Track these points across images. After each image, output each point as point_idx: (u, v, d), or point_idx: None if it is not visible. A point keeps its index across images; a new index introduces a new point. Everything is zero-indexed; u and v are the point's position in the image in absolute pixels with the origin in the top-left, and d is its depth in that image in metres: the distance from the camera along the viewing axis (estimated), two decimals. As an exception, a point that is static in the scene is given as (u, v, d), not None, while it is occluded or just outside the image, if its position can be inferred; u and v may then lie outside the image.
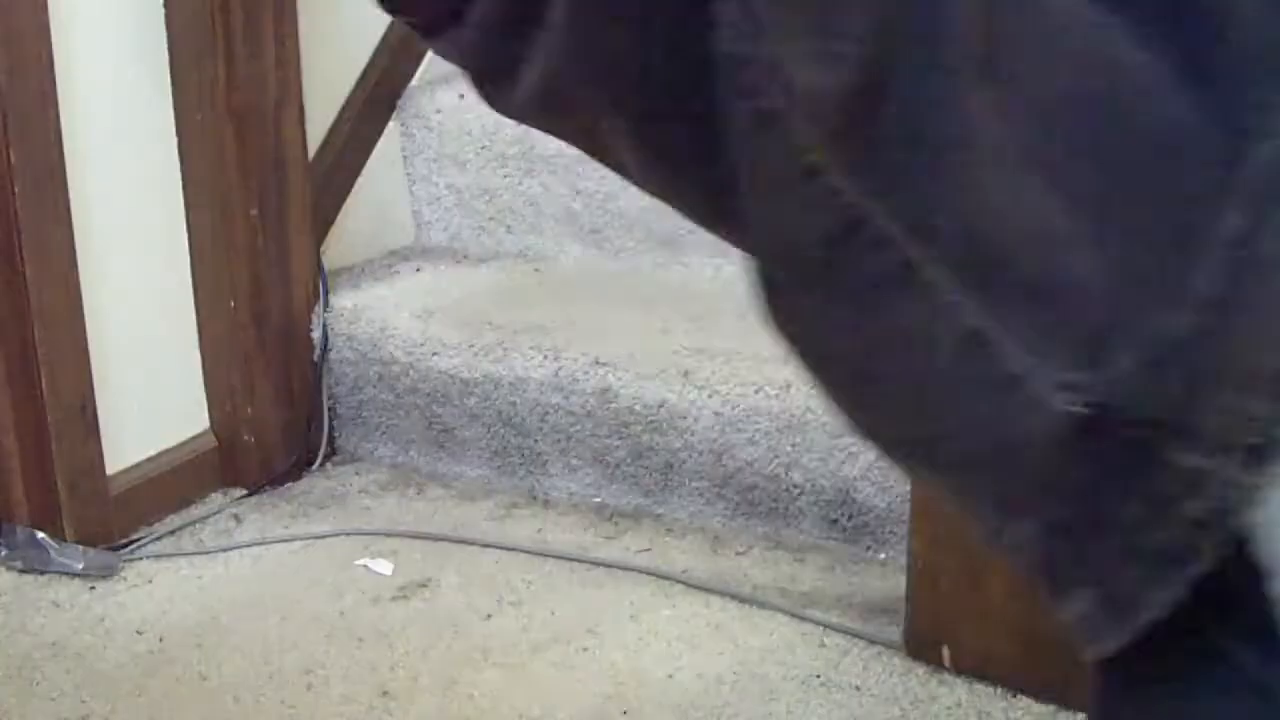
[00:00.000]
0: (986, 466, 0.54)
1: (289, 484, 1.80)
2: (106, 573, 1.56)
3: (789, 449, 1.59)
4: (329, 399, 1.87)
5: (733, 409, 1.61)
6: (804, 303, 0.54)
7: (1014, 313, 0.49)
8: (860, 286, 0.52)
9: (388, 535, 1.67)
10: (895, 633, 1.40)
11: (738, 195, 0.55)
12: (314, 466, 1.85)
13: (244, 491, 1.77)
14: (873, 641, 1.41)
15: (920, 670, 1.36)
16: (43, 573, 1.54)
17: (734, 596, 1.51)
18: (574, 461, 1.73)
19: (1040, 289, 0.49)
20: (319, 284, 1.84)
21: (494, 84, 0.59)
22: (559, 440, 1.73)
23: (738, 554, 1.60)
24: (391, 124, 2.07)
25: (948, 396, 0.52)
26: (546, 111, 0.59)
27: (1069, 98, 0.47)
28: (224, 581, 1.57)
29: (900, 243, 0.50)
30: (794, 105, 0.50)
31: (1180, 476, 0.49)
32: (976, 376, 0.51)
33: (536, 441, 1.75)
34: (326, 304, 1.84)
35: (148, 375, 1.69)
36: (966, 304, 0.50)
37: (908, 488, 1.47)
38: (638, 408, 1.66)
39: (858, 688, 1.34)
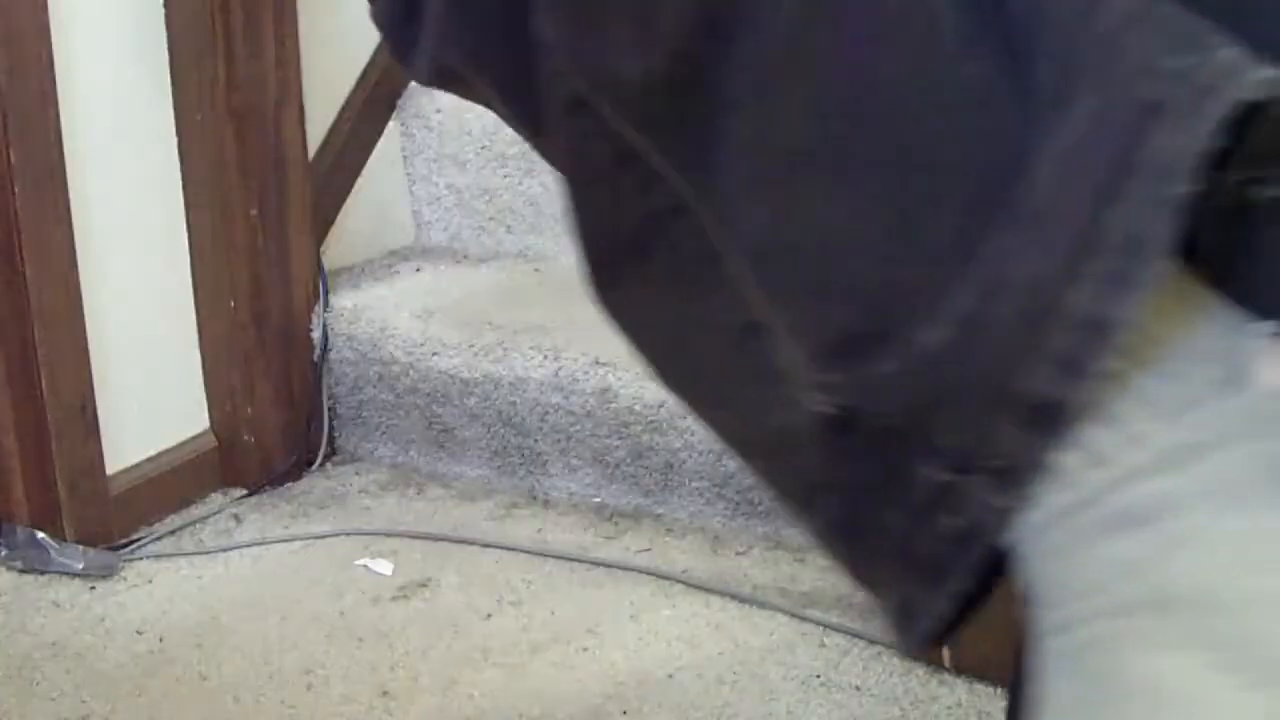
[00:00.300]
0: (774, 456, 0.55)
1: (289, 484, 1.81)
2: (106, 573, 1.56)
3: (789, 449, 1.59)
4: (329, 399, 1.87)
5: (733, 409, 1.61)
6: (622, 281, 0.55)
7: (788, 309, 0.50)
8: (671, 271, 0.53)
9: (388, 535, 1.67)
10: (895, 633, 1.40)
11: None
12: (314, 466, 1.85)
13: (244, 491, 1.77)
14: (873, 641, 1.41)
15: (920, 670, 1.36)
16: (43, 573, 1.54)
17: (734, 596, 1.51)
18: (574, 461, 1.73)
19: (814, 290, 0.49)
20: (319, 284, 1.84)
21: (404, 61, 0.60)
22: (559, 440, 1.73)
23: (738, 554, 1.60)
24: (391, 124, 2.07)
25: (735, 384, 0.53)
26: (444, 85, 0.60)
27: (871, 111, 0.47)
28: (224, 581, 1.57)
29: (710, 231, 0.50)
30: (602, 91, 0.50)
31: (931, 489, 0.49)
32: (754, 368, 0.52)
33: (536, 441, 1.75)
34: (326, 304, 1.84)
35: (148, 375, 1.69)
36: (756, 296, 0.50)
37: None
38: (638, 408, 1.66)
39: (858, 688, 1.35)
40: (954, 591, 0.50)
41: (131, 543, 1.63)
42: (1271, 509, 0.43)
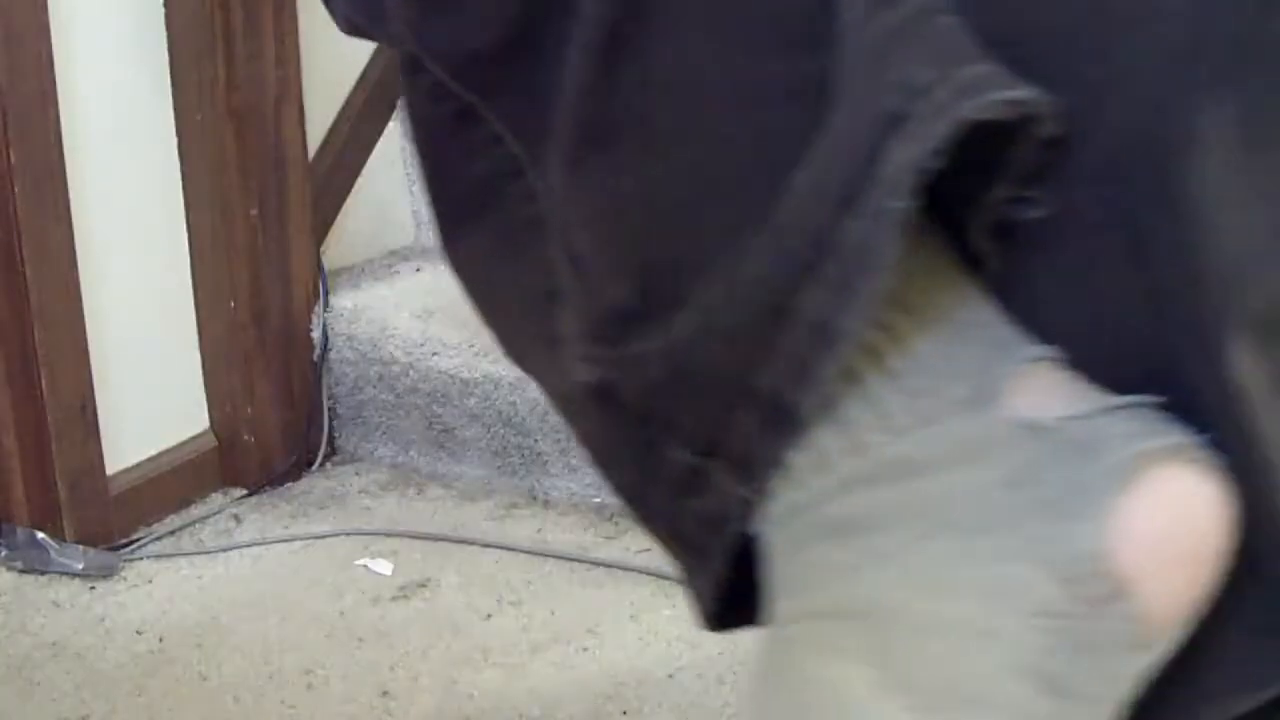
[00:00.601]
0: (572, 421, 0.57)
1: (289, 484, 1.80)
2: (106, 573, 1.56)
3: (789, 449, 1.59)
4: (329, 399, 1.87)
5: (733, 409, 1.61)
6: (462, 236, 0.56)
7: (581, 279, 0.51)
8: (501, 231, 0.54)
9: (388, 535, 1.67)
10: (895, 633, 1.40)
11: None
12: (314, 466, 1.85)
13: (244, 491, 1.77)
14: (873, 641, 1.41)
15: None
16: (43, 573, 1.54)
17: (734, 596, 1.50)
18: (574, 461, 1.73)
19: (604, 260, 0.50)
20: (319, 284, 1.84)
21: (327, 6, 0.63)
22: (559, 440, 1.73)
23: (738, 554, 1.60)
24: (391, 124, 2.07)
25: (538, 346, 0.54)
26: (355, 34, 0.62)
27: (681, 92, 0.47)
28: (224, 581, 1.57)
29: (538, 195, 0.51)
30: (439, 60, 0.52)
31: (682, 471, 0.50)
32: (550, 333, 0.53)
33: (536, 441, 1.75)
34: (326, 304, 1.84)
35: (148, 375, 1.69)
36: (561, 264, 0.51)
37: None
38: (638, 408, 1.66)
39: (858, 688, 1.34)
40: (716, 573, 0.51)
41: (131, 543, 1.63)
42: (969, 536, 0.43)
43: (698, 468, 0.49)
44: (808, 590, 0.47)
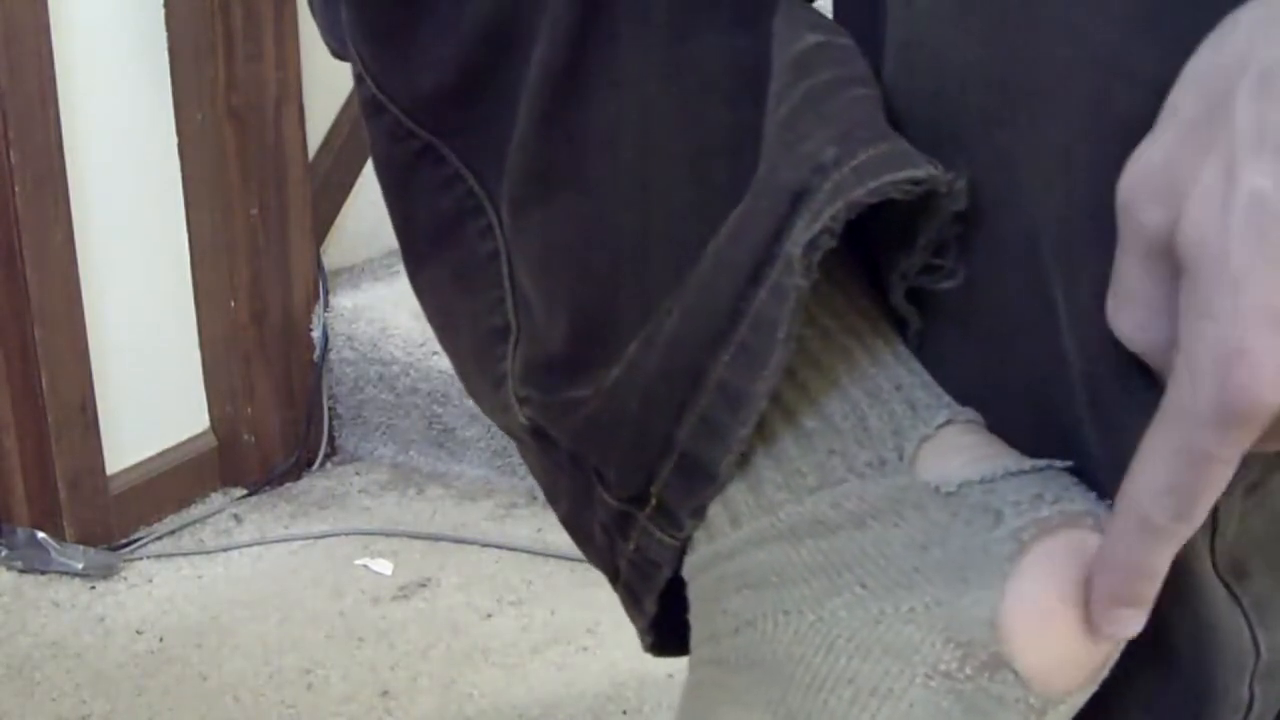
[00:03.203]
0: (520, 453, 0.58)
1: (289, 484, 1.81)
2: (106, 573, 1.56)
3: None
4: (329, 399, 1.87)
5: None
6: (424, 267, 0.58)
7: (526, 319, 0.52)
8: (460, 265, 0.55)
9: (388, 535, 1.67)
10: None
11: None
12: (314, 466, 1.85)
13: (244, 491, 1.77)
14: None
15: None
16: (43, 573, 1.54)
17: (734, 596, 1.51)
18: (574, 461, 1.73)
19: (544, 304, 0.51)
20: (319, 284, 1.84)
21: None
22: (559, 440, 1.73)
23: (738, 554, 1.60)
24: (391, 124, 2.07)
25: (486, 381, 0.55)
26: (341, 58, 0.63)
27: (623, 140, 0.48)
28: (224, 581, 1.57)
29: (495, 234, 0.53)
30: (397, 101, 0.53)
31: (609, 514, 0.51)
32: (489, 368, 0.54)
33: (536, 441, 1.74)
34: (326, 304, 1.84)
35: (148, 375, 1.69)
36: (508, 303, 0.53)
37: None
38: (638, 408, 1.66)
39: (858, 688, 1.34)
40: (648, 614, 0.52)
41: (131, 543, 1.63)
42: (873, 596, 0.43)
43: (626, 513, 0.50)
44: (718, 638, 0.48)
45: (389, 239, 2.24)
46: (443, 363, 1.77)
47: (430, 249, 0.56)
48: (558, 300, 0.50)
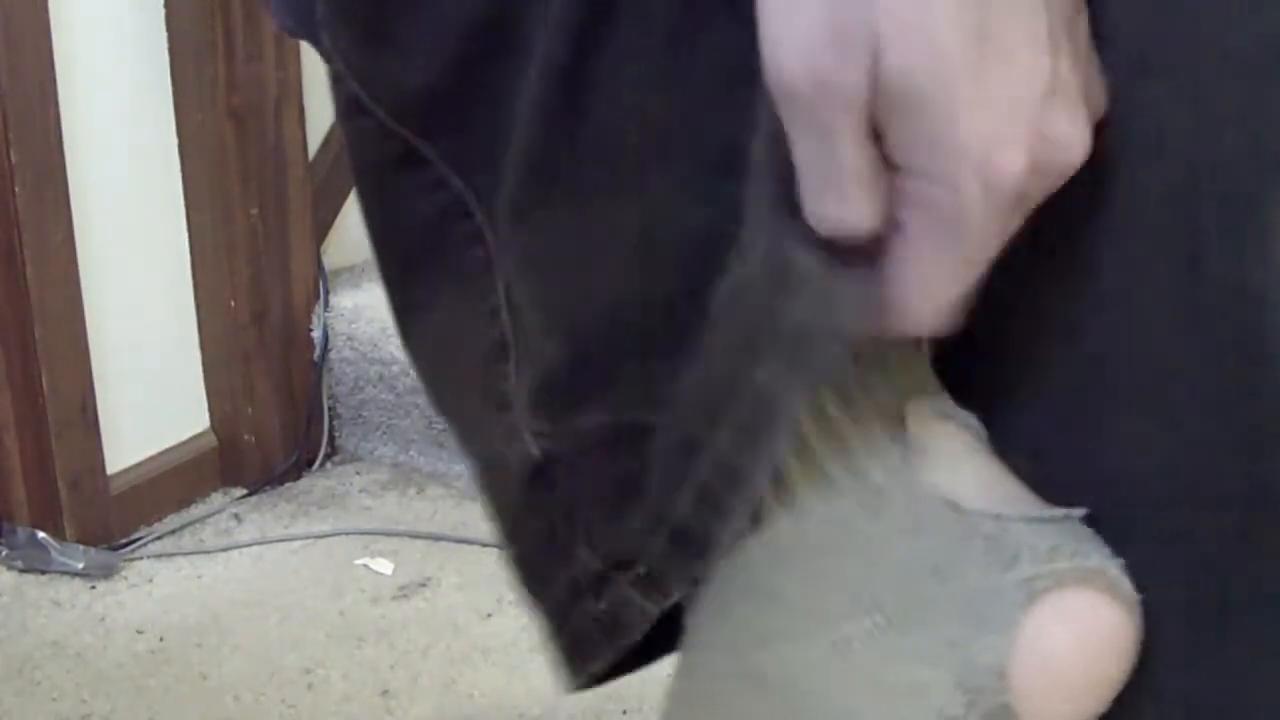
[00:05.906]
0: (489, 477, 0.55)
1: (289, 484, 1.81)
2: (106, 572, 1.56)
3: (789, 449, 1.59)
4: (329, 399, 1.87)
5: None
6: (410, 285, 0.55)
7: (527, 337, 0.50)
8: (449, 275, 0.52)
9: (388, 535, 1.67)
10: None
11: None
12: (314, 466, 1.85)
13: (244, 491, 1.77)
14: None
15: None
16: (43, 572, 1.54)
17: (734, 596, 1.51)
18: (574, 461, 1.73)
19: (545, 321, 0.49)
20: (319, 284, 1.84)
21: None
22: (559, 440, 1.73)
23: (738, 554, 1.60)
24: (391, 124, 2.07)
25: (474, 399, 0.53)
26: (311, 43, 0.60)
27: (626, 150, 0.46)
28: (224, 581, 1.57)
29: (488, 240, 0.50)
30: (381, 102, 0.50)
31: (583, 571, 0.50)
32: (491, 389, 0.52)
33: (536, 441, 1.74)
34: (326, 304, 1.84)
35: (148, 375, 1.69)
36: (504, 318, 0.50)
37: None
38: (638, 407, 1.66)
39: (857, 687, 1.34)
40: (592, 674, 0.52)
41: (132, 542, 1.63)
42: (894, 630, 0.43)
43: (604, 575, 0.49)
44: (730, 650, 0.47)
45: (389, 239, 2.17)
46: (443, 363, 1.77)
47: (415, 261, 0.53)
48: (556, 311, 0.48)
